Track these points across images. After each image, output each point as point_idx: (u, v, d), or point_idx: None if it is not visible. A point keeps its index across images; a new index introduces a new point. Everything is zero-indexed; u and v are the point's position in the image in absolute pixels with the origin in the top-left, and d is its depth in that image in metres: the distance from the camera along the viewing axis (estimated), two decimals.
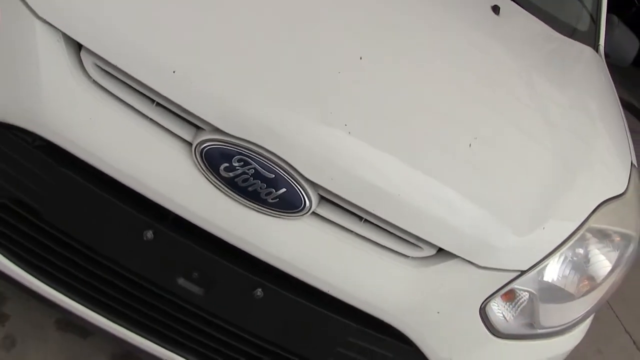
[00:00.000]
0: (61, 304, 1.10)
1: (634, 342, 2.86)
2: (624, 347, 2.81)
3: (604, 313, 2.95)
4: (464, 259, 0.99)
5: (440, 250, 1.00)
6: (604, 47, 1.96)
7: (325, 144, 0.92)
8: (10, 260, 1.07)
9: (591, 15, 1.93)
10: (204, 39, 0.93)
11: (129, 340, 1.11)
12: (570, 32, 1.78)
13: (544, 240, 1.07)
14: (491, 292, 1.04)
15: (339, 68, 1.00)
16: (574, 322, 1.22)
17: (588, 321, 1.32)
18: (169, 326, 1.08)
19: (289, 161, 0.91)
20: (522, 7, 1.66)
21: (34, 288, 1.10)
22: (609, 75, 1.76)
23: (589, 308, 1.24)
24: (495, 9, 1.47)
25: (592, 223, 1.16)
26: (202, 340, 1.08)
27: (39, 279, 1.08)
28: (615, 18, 2.09)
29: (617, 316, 2.97)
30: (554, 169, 1.16)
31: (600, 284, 1.22)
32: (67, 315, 1.28)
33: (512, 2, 1.62)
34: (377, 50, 1.10)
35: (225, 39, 0.95)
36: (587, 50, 1.77)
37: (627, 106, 8.86)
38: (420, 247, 0.99)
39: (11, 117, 0.93)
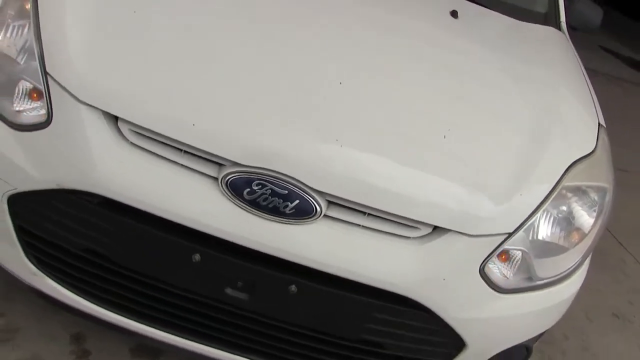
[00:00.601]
0: (135, 329, 1.33)
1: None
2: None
3: None
4: (456, 232, 1.19)
5: (435, 227, 1.20)
6: (567, 22, 2.14)
7: (323, 158, 1.14)
8: (89, 301, 1.30)
9: None
10: (212, 98, 1.16)
11: (196, 350, 1.33)
12: (531, 17, 1.97)
13: (523, 204, 1.26)
14: (486, 255, 1.23)
15: (324, 94, 1.22)
16: (569, 270, 1.40)
17: (585, 266, 1.49)
18: (226, 332, 1.29)
19: (297, 177, 1.13)
20: (482, 4, 1.86)
21: (111, 320, 1.32)
22: (572, 48, 1.94)
23: (580, 256, 1.42)
24: (454, 14, 1.68)
25: (566, 182, 1.35)
26: (255, 339, 1.29)
27: (114, 312, 1.31)
28: None
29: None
30: (524, 141, 1.36)
31: (587, 233, 1.41)
32: (140, 339, 1.51)
33: (471, 3, 1.82)
34: (353, 71, 1.32)
35: (231, 93, 1.17)
36: (548, 29, 1.96)
37: (628, 60, 8.88)
38: (418, 228, 1.20)
39: (72, 184, 1.16)
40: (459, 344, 1.30)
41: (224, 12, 1.34)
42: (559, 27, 2.05)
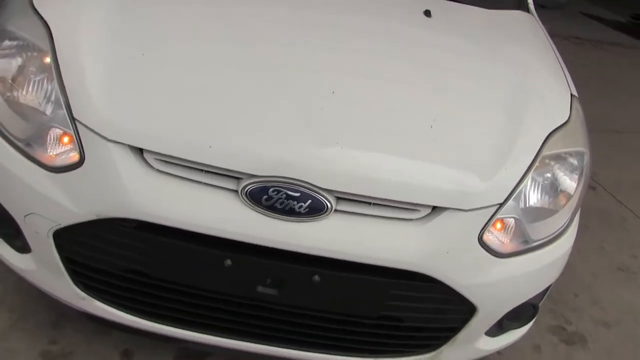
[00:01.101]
0: (179, 336, 1.48)
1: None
2: None
3: None
4: (452, 209, 1.34)
5: (433, 208, 1.35)
6: (536, 2, 2.29)
7: (327, 160, 1.29)
8: (135, 315, 1.46)
9: None
10: (224, 121, 1.30)
11: (236, 347, 1.48)
12: (500, 5, 2.12)
13: (509, 177, 1.41)
14: (482, 226, 1.38)
15: (321, 105, 1.37)
16: (561, 229, 1.55)
17: (575, 224, 1.63)
18: (261, 326, 1.44)
19: (307, 180, 1.28)
20: (452, 0, 2.01)
21: (156, 330, 1.47)
22: (541, 28, 2.09)
23: (569, 216, 1.57)
24: (427, 13, 1.83)
25: (546, 152, 1.50)
26: (288, 329, 1.44)
27: (158, 322, 1.46)
28: None
29: None
30: (503, 119, 1.51)
31: (572, 195, 1.55)
32: (182, 347, 1.66)
33: (443, 1, 1.97)
34: (343, 80, 1.47)
35: (239, 115, 1.32)
36: (517, 13, 2.11)
37: (612, 24, 8.97)
38: (418, 210, 1.34)
39: (110, 213, 1.31)
40: (471, 309, 1.44)
41: (222, 44, 1.49)
42: (527, 10, 2.20)
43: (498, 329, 1.60)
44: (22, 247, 1.48)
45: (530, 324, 1.73)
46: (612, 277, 2.76)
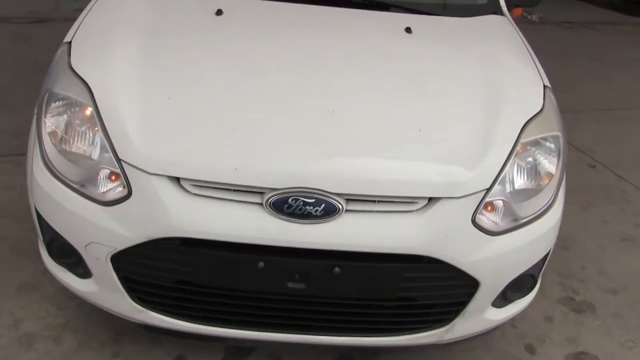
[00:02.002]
0: (224, 334, 1.71)
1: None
2: None
3: None
4: (445, 197, 1.57)
5: (429, 199, 1.58)
6: (510, 2, 2.52)
7: (335, 169, 1.53)
8: (186, 321, 1.69)
9: None
10: (245, 147, 1.54)
11: (275, 339, 1.71)
12: (475, 12, 2.35)
13: (492, 164, 1.63)
14: (473, 209, 1.60)
15: (324, 124, 1.61)
16: (546, 205, 1.76)
17: (560, 198, 1.84)
18: (294, 317, 1.67)
19: (319, 188, 1.51)
20: (429, 13, 2.25)
21: (205, 332, 1.71)
22: (514, 27, 2.31)
23: (553, 193, 1.78)
24: (408, 30, 2.07)
25: (525, 139, 1.72)
26: (318, 317, 1.67)
27: (206, 324, 1.69)
28: None
29: None
30: (483, 115, 1.74)
31: (554, 174, 1.77)
32: (230, 342, 1.89)
33: (422, 16, 2.21)
34: (340, 100, 1.71)
35: (258, 140, 1.56)
36: (491, 17, 2.34)
37: (607, 4, 9.08)
38: (416, 202, 1.57)
39: (158, 234, 1.55)
40: (474, 283, 1.66)
41: (234, 83, 1.74)
42: (501, 13, 2.42)
43: (503, 300, 1.81)
44: (84, 273, 1.73)
45: (534, 293, 1.94)
46: (618, 247, 2.94)
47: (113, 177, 1.59)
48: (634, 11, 8.96)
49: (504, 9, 2.44)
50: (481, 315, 1.78)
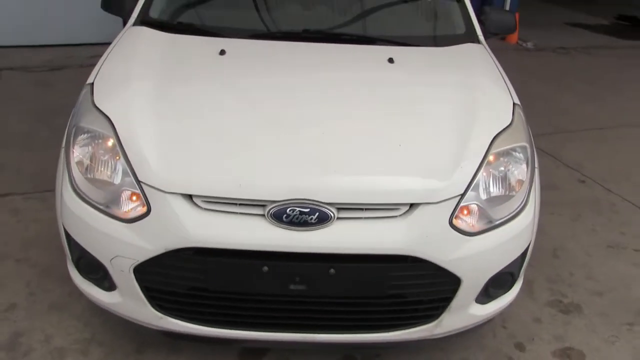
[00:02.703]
0: (236, 336, 1.91)
1: None
2: None
3: None
4: (424, 203, 1.78)
5: (410, 205, 1.79)
6: (486, 31, 2.77)
7: (327, 183, 1.75)
8: (201, 325, 1.90)
9: (464, 20, 2.76)
10: (248, 166, 1.78)
11: (284, 339, 1.91)
12: (453, 41, 2.61)
13: (465, 173, 1.85)
14: (450, 213, 1.81)
15: (316, 144, 1.85)
16: (518, 209, 1.97)
17: (532, 202, 2.03)
18: (297, 317, 1.87)
19: (313, 199, 1.73)
20: (411, 45, 2.51)
21: (219, 335, 1.91)
22: (489, 53, 2.56)
23: (524, 197, 1.99)
24: (390, 61, 2.33)
25: (494, 149, 1.94)
26: (319, 317, 1.87)
27: (219, 327, 1.90)
28: (487, 8, 2.92)
29: None
30: (457, 129, 1.97)
31: (524, 180, 1.98)
32: (242, 344, 2.08)
33: (405, 47, 2.47)
34: (329, 123, 1.95)
35: (260, 160, 1.80)
36: (468, 45, 2.59)
37: (598, 29, 9.33)
38: (399, 208, 1.79)
39: (174, 245, 1.77)
40: (456, 280, 1.85)
41: (236, 112, 2.00)
42: (477, 41, 2.68)
43: (486, 296, 2.00)
44: (109, 286, 1.95)
45: (515, 291, 2.12)
46: (604, 253, 3.12)
47: (134, 198, 1.83)
48: (625, 34, 9.26)
49: (481, 37, 2.70)
50: (466, 311, 1.97)
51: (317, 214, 1.74)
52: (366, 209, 1.78)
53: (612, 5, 11.67)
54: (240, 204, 1.77)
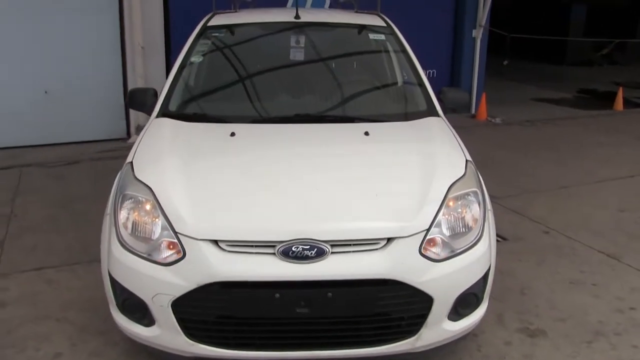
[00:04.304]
0: (254, 357, 2.35)
1: None
2: None
3: None
4: (397, 237, 2.30)
5: (388, 239, 2.30)
6: (445, 108, 3.39)
7: (321, 226, 2.28)
8: (228, 348, 2.33)
9: (426, 99, 3.39)
10: (263, 215, 2.32)
11: (294, 357, 2.34)
12: (418, 116, 3.23)
13: (427, 213, 2.39)
14: (419, 244, 2.32)
15: (309, 198, 2.40)
16: (475, 240, 2.48)
17: (486, 235, 2.54)
18: (303, 337, 2.32)
19: (312, 238, 2.24)
20: (382, 121, 3.12)
21: (240, 357, 2.34)
22: (447, 124, 3.17)
23: (479, 231, 2.51)
24: (366, 134, 2.93)
25: (451, 194, 2.48)
26: (320, 335, 2.32)
27: (240, 350, 2.34)
28: (445, 88, 3.56)
29: None
30: (421, 182, 2.52)
31: (479, 218, 2.51)
32: None
33: (379, 124, 3.08)
34: (320, 182, 2.50)
35: (270, 211, 2.34)
36: (430, 119, 3.21)
37: (563, 102, 10.14)
38: (379, 242, 2.30)
39: (204, 281, 2.24)
40: (429, 298, 2.33)
41: (249, 177, 2.56)
42: (437, 115, 3.30)
43: (456, 314, 2.47)
44: (149, 322, 2.40)
45: (481, 310, 2.59)
46: (566, 288, 3.59)
47: (171, 246, 2.33)
48: (586, 105, 10.11)
49: (440, 112, 3.32)
50: (441, 326, 2.43)
51: (315, 249, 2.24)
52: (353, 244, 2.29)
53: (574, 81, 12.70)
54: (255, 246, 2.27)
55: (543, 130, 8.18)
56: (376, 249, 2.30)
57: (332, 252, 2.27)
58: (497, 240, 4.18)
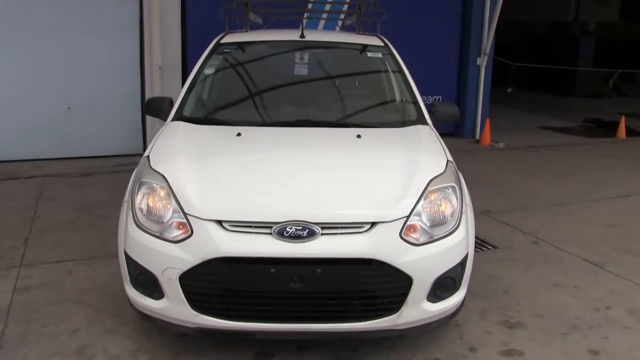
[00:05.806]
0: (252, 328, 2.62)
1: None
2: None
3: None
4: (381, 222, 2.59)
5: (372, 224, 2.59)
6: (434, 119, 3.70)
7: (314, 210, 2.58)
8: (228, 319, 2.61)
9: (416, 110, 3.71)
10: (262, 200, 2.63)
11: (288, 329, 2.62)
12: (408, 124, 3.55)
13: (408, 202, 2.68)
14: (400, 229, 2.61)
15: (306, 186, 2.70)
16: (452, 229, 2.76)
17: (463, 224, 2.82)
18: (296, 310, 2.60)
19: (304, 219, 2.54)
20: (374, 127, 3.44)
21: (241, 328, 2.62)
22: (434, 132, 3.48)
23: (456, 221, 2.79)
24: (359, 136, 3.25)
25: (430, 188, 2.78)
26: (312, 309, 2.59)
27: (240, 321, 2.61)
28: (437, 103, 3.88)
29: None
30: (404, 177, 2.82)
31: (456, 209, 2.80)
32: (257, 336, 2.77)
33: (370, 129, 3.40)
34: (315, 174, 2.82)
35: (269, 196, 2.66)
36: (418, 126, 3.52)
37: (566, 130, 10.37)
38: (364, 226, 2.59)
39: (209, 256, 2.53)
40: (409, 278, 2.60)
41: (251, 168, 2.89)
42: (426, 123, 3.61)
43: (435, 297, 2.73)
44: (159, 296, 2.69)
45: (459, 295, 2.85)
46: (548, 290, 3.82)
47: (180, 226, 2.63)
48: (590, 133, 10.35)
49: (429, 121, 3.63)
50: (421, 306, 2.69)
51: (307, 230, 2.53)
52: (341, 227, 2.58)
53: (581, 111, 12.96)
54: (255, 226, 2.57)
55: (545, 155, 8.42)
56: (361, 232, 2.59)
57: (322, 234, 2.56)
58: (487, 249, 4.51)
